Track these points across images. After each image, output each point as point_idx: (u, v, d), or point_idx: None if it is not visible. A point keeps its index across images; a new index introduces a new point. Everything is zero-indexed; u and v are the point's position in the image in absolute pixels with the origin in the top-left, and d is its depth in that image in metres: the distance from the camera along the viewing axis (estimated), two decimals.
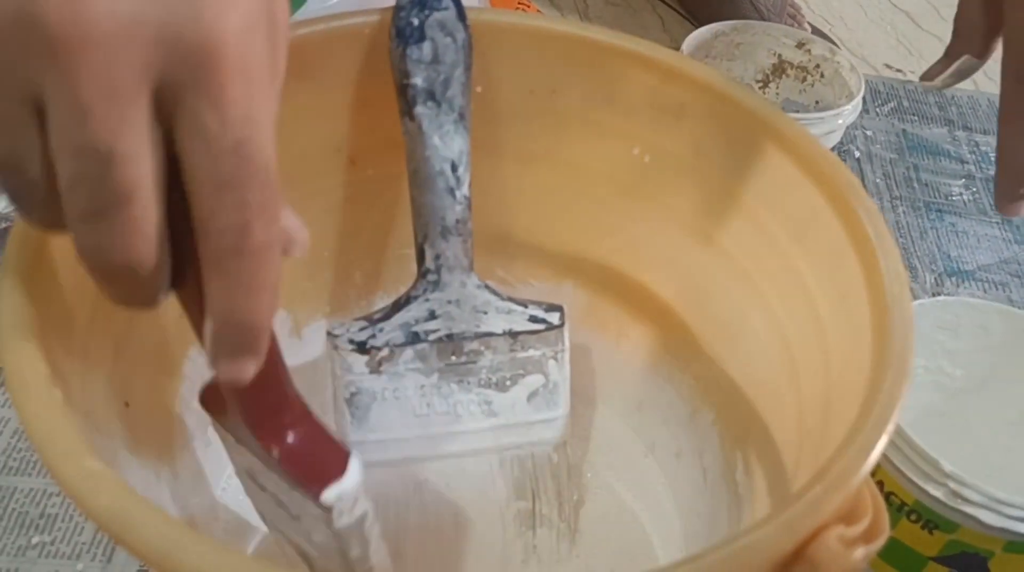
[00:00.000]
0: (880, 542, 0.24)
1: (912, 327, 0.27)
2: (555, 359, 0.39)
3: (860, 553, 0.22)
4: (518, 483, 0.40)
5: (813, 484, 0.22)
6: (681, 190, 0.38)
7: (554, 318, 0.39)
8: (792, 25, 0.76)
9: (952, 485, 0.36)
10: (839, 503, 0.22)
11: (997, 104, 0.36)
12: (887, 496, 0.38)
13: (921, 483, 0.36)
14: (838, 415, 0.28)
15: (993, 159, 0.73)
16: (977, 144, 0.73)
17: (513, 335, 0.38)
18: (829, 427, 0.29)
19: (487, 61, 0.39)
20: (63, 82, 0.14)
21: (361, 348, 0.37)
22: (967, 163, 0.72)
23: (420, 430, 0.39)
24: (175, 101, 0.16)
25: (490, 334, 0.38)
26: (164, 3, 0.14)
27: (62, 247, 0.25)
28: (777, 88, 0.61)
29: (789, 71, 0.60)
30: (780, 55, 0.60)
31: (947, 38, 0.73)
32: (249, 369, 0.20)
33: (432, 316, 0.38)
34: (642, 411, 0.44)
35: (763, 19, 0.73)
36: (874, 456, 0.23)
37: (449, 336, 0.38)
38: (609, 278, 0.43)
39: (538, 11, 0.65)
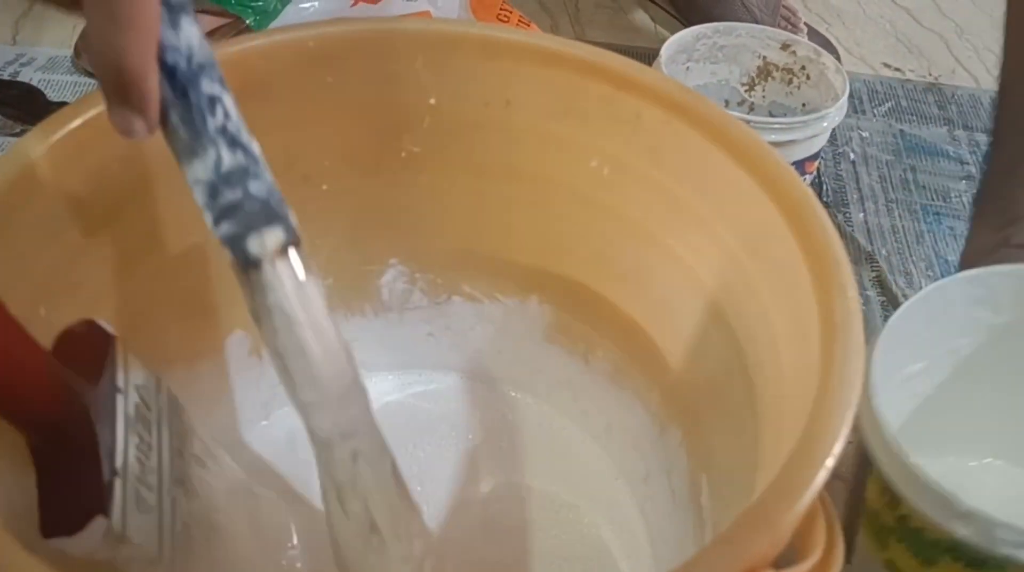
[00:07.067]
0: None
1: (861, 353, 0.25)
2: None
3: None
4: None
5: (736, 526, 0.21)
6: (640, 202, 0.37)
7: None
8: (786, 27, 0.74)
9: (981, 524, 0.31)
10: (768, 546, 0.21)
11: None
12: (918, 531, 0.33)
13: (945, 523, 0.32)
14: (788, 445, 0.26)
15: None
16: (978, 144, 0.71)
17: None
18: (780, 455, 0.27)
19: (440, 72, 0.37)
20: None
21: None
22: (967, 164, 0.69)
23: None
24: None
25: None
26: None
27: None
28: (763, 91, 0.59)
29: (775, 73, 0.58)
30: (765, 57, 0.58)
31: (949, 35, 0.71)
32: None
33: None
34: (611, 431, 0.43)
35: (755, 20, 0.71)
36: (809, 494, 0.22)
37: None
38: (574, 293, 0.41)
39: (521, 17, 0.64)
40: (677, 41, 0.55)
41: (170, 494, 0.28)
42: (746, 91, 0.60)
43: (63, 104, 0.64)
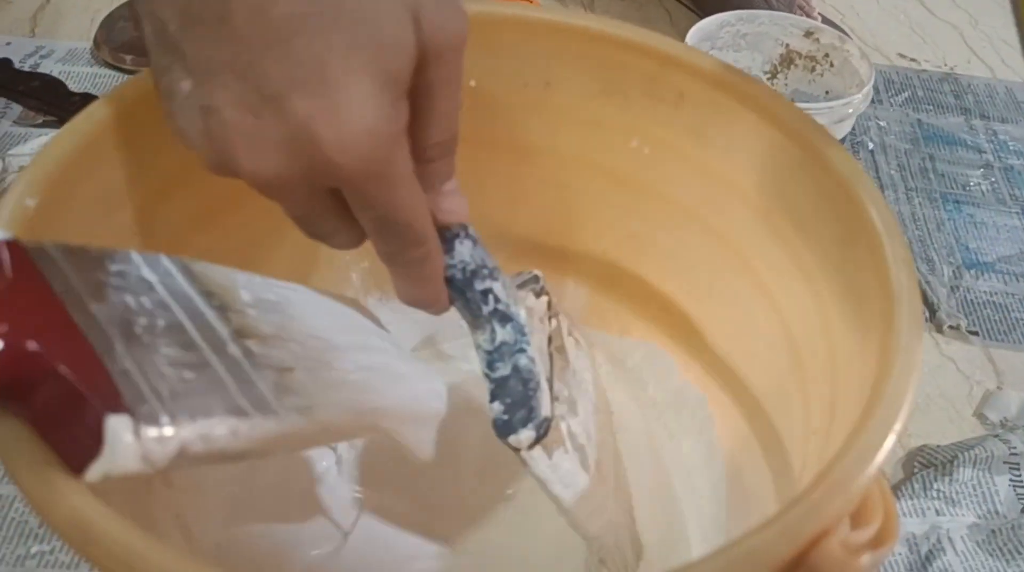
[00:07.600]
0: (890, 547, 0.22)
1: (920, 318, 0.25)
2: None
3: (867, 560, 0.21)
4: None
5: (814, 487, 0.21)
6: (681, 181, 0.37)
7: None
8: (802, 16, 0.75)
9: None
10: (842, 507, 0.21)
11: (1015, 92, 0.34)
12: None
13: None
14: (844, 414, 0.27)
15: (1012, 148, 0.71)
16: (995, 133, 0.71)
17: None
18: (835, 427, 0.27)
19: (480, 54, 0.37)
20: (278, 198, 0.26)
21: None
22: (984, 152, 0.70)
23: None
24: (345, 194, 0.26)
25: None
26: (308, 158, 0.24)
27: None
28: (786, 79, 0.60)
29: (797, 61, 0.58)
30: (788, 45, 0.58)
31: (963, 25, 0.70)
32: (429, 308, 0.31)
33: None
34: (653, 406, 0.43)
35: (771, 10, 0.72)
36: (880, 457, 0.22)
37: None
38: (610, 274, 0.41)
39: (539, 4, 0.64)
40: (701, 29, 0.56)
41: (229, 352, 0.24)
42: (768, 79, 0.60)
43: (85, 95, 0.65)
